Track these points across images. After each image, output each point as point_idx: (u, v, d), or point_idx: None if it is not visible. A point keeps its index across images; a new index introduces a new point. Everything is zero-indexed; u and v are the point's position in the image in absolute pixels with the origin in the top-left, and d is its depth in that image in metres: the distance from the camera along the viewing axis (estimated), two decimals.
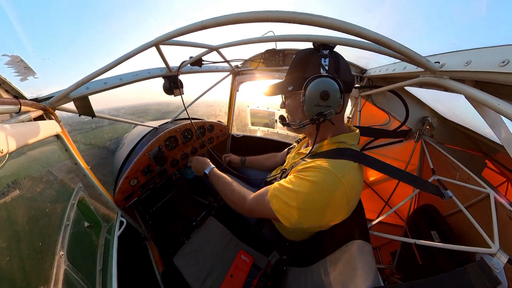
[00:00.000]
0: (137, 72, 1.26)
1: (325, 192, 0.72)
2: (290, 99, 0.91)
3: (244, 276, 1.16)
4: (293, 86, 0.84)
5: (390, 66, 1.30)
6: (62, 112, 1.03)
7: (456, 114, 1.39)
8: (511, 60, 0.56)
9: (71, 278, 0.76)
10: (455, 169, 1.26)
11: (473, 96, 0.68)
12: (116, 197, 1.34)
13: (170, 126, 1.69)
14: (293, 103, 0.89)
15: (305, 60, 0.83)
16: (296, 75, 0.84)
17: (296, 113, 0.89)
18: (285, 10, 0.60)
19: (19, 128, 0.68)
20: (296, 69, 0.85)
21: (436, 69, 0.82)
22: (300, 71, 0.82)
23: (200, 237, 1.38)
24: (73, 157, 1.05)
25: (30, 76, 0.93)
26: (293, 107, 0.90)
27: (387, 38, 0.66)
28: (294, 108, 0.90)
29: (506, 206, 0.93)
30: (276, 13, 0.60)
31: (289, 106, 0.93)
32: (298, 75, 0.83)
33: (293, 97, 0.89)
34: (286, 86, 0.87)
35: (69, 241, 0.84)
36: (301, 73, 0.81)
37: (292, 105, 0.90)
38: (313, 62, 0.80)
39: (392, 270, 1.43)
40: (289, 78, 0.87)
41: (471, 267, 0.63)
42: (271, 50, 1.79)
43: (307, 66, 0.81)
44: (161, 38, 0.89)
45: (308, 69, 0.80)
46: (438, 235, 1.15)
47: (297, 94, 0.84)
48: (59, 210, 0.89)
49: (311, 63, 0.80)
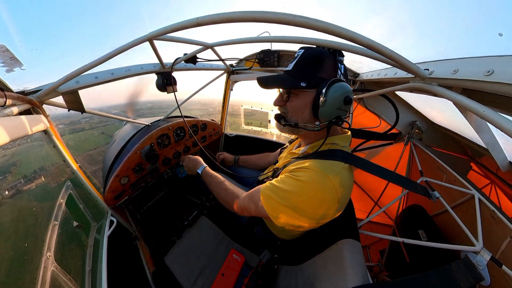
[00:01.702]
0: (130, 67, 1.24)
1: (316, 192, 0.73)
2: (297, 97, 0.83)
3: (235, 275, 1.16)
4: (306, 82, 0.78)
5: (381, 71, 1.34)
6: (50, 107, 0.99)
7: (444, 119, 1.46)
8: (495, 70, 0.59)
9: (59, 280, 0.74)
10: (442, 171, 1.32)
11: (460, 103, 0.71)
12: (106, 195, 1.31)
13: (163, 123, 1.66)
14: (301, 102, 0.82)
15: (320, 60, 0.79)
16: (307, 72, 0.79)
17: (301, 112, 0.83)
18: (281, 12, 0.60)
19: (3, 123, 0.65)
20: (308, 66, 0.79)
21: (426, 75, 0.86)
22: (315, 70, 0.78)
23: (192, 237, 1.37)
24: (61, 154, 1.01)
25: (17, 67, 0.87)
26: (299, 105, 0.83)
27: (380, 44, 0.68)
28: (300, 107, 0.83)
29: (490, 207, 0.98)
30: (272, 14, 0.60)
31: (294, 104, 0.85)
32: (310, 72, 0.78)
33: (302, 95, 0.82)
34: (295, 81, 0.79)
35: (56, 241, 0.81)
36: (315, 72, 0.78)
37: (298, 104, 0.83)
38: (330, 64, 0.78)
39: (381, 268, 1.47)
40: (297, 74, 0.80)
41: (456, 264, 0.66)
42: (266, 50, 1.80)
43: (322, 66, 0.78)
44: (155, 33, 0.87)
45: (323, 69, 0.78)
46: (425, 234, 1.20)
47: (308, 93, 0.80)
48: (46, 209, 0.86)
49: (328, 65, 0.78)
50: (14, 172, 0.82)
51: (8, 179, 0.76)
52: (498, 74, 0.59)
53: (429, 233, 1.20)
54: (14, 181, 0.79)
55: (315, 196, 0.73)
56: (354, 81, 1.80)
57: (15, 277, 0.63)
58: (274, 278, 1.14)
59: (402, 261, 1.27)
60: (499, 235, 0.92)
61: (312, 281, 0.91)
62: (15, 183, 0.80)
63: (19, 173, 0.85)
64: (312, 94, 0.79)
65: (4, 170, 0.76)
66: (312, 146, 0.93)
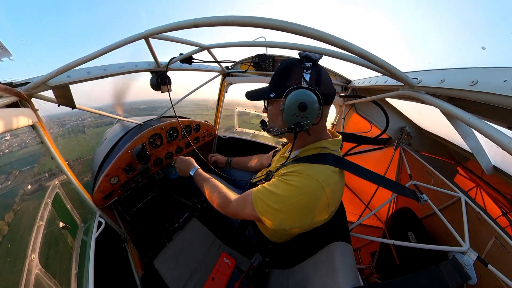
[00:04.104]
0: (124, 64, 1.21)
1: (307, 196, 0.76)
2: (272, 106, 0.92)
3: (226, 279, 1.15)
4: (274, 93, 0.86)
5: (373, 79, 1.38)
6: (39, 101, 0.96)
7: (432, 125, 1.52)
8: (479, 81, 0.64)
9: (43, 283, 0.71)
10: (430, 175, 1.37)
11: (447, 110, 0.75)
12: (95, 196, 1.27)
13: (155, 123, 1.64)
14: (274, 110, 0.90)
15: (289, 70, 0.84)
16: (278, 83, 0.85)
17: (276, 119, 0.90)
18: (277, 18, 0.62)
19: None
20: (279, 77, 0.86)
21: (414, 84, 0.90)
22: (283, 80, 0.84)
23: (182, 239, 1.35)
24: (49, 151, 0.97)
25: (5, 57, 0.84)
26: (274, 113, 0.91)
27: (371, 53, 0.71)
28: (274, 114, 0.91)
29: (475, 209, 1.03)
30: (269, 20, 0.63)
31: (270, 112, 0.94)
32: (280, 83, 0.84)
33: (274, 104, 0.89)
34: (268, 92, 0.88)
35: (42, 243, 0.77)
36: (284, 82, 0.83)
37: (273, 112, 0.91)
38: (296, 72, 0.82)
39: (372, 270, 1.49)
40: (272, 85, 0.89)
41: (444, 264, 0.69)
42: (261, 55, 1.82)
43: (289, 75, 0.83)
44: (151, 31, 0.87)
45: (290, 78, 0.82)
46: (414, 236, 1.24)
47: (278, 101, 0.85)
48: (31, 209, 0.82)
49: (294, 73, 0.82)
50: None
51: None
52: (482, 84, 0.63)
53: (418, 235, 1.24)
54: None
55: (306, 200, 0.75)
56: (347, 87, 1.85)
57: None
58: (265, 282, 1.13)
59: (392, 263, 1.30)
60: (485, 236, 0.96)
61: (304, 284, 0.91)
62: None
63: (1, 170, 0.81)
64: (280, 103, 0.84)
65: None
66: (303, 150, 0.95)
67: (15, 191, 0.82)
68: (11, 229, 0.72)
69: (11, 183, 0.81)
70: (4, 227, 0.70)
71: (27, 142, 0.92)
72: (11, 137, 0.76)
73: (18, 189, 0.83)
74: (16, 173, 0.85)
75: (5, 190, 0.78)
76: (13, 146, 0.85)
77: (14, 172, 0.85)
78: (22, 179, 0.87)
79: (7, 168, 0.83)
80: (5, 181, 0.79)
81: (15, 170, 0.86)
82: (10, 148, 0.85)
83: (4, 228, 0.70)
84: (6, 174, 0.81)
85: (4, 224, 0.70)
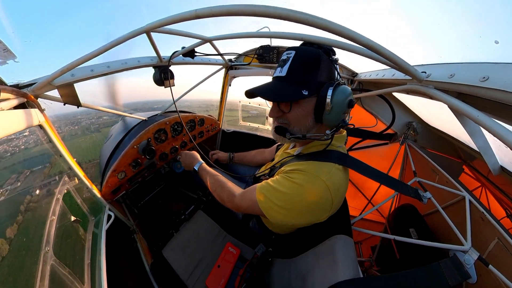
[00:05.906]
0: (126, 60, 1.21)
1: (310, 195, 0.74)
2: (298, 105, 0.78)
3: (231, 266, 1.20)
4: (308, 90, 0.73)
5: (380, 72, 1.34)
6: (45, 101, 0.98)
7: (439, 122, 1.48)
8: (490, 77, 0.61)
9: (58, 273, 0.75)
10: (435, 173, 1.35)
11: (455, 106, 0.73)
12: (103, 190, 1.31)
13: (160, 118, 1.65)
14: (303, 110, 0.78)
15: (318, 62, 0.74)
16: (306, 78, 0.74)
17: (304, 121, 0.79)
18: (282, 7, 0.60)
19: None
20: (307, 70, 0.74)
21: (423, 78, 0.87)
22: (313, 74, 0.74)
23: (189, 230, 1.40)
24: (57, 149, 1.00)
25: (10, 59, 0.84)
26: (302, 114, 0.78)
27: (379, 44, 0.68)
28: (303, 115, 0.78)
29: (480, 209, 1.01)
30: (273, 9, 0.60)
31: (296, 114, 0.79)
32: (309, 78, 0.74)
33: (303, 103, 0.77)
34: (295, 89, 0.73)
35: (55, 236, 0.82)
36: (314, 77, 0.73)
37: (301, 113, 0.78)
38: (327, 67, 0.75)
39: (372, 263, 1.52)
40: (298, 81, 0.74)
41: (444, 262, 0.70)
42: (265, 46, 1.78)
43: (319, 69, 0.74)
44: (152, 25, 0.85)
45: (321, 73, 0.74)
46: (415, 232, 1.24)
47: (310, 99, 0.75)
48: (43, 204, 0.86)
49: (325, 67, 0.75)
50: (8, 168, 0.81)
51: (2, 175, 0.76)
52: (493, 80, 0.60)
53: (420, 232, 1.24)
54: (9, 177, 0.79)
55: (310, 199, 0.75)
56: (352, 81, 1.80)
57: (15, 271, 0.64)
58: (268, 270, 1.17)
59: (392, 258, 1.31)
60: (487, 236, 0.95)
61: (305, 273, 0.94)
62: (12, 179, 0.80)
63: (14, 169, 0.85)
64: (313, 100, 0.76)
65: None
66: (307, 147, 0.93)
67: (27, 188, 0.85)
68: (26, 224, 0.76)
69: (24, 181, 0.84)
70: (19, 222, 0.74)
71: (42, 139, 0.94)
72: (29, 133, 0.78)
73: (31, 186, 0.87)
74: (27, 172, 0.88)
75: (18, 188, 0.81)
76: (20, 145, 0.87)
77: (25, 171, 0.88)
78: (33, 177, 0.90)
79: (19, 167, 0.86)
80: (17, 179, 0.82)
81: (26, 168, 0.89)
82: (26, 144, 0.87)
83: (20, 223, 0.74)
84: (17, 172, 0.84)
85: (19, 219, 0.74)
